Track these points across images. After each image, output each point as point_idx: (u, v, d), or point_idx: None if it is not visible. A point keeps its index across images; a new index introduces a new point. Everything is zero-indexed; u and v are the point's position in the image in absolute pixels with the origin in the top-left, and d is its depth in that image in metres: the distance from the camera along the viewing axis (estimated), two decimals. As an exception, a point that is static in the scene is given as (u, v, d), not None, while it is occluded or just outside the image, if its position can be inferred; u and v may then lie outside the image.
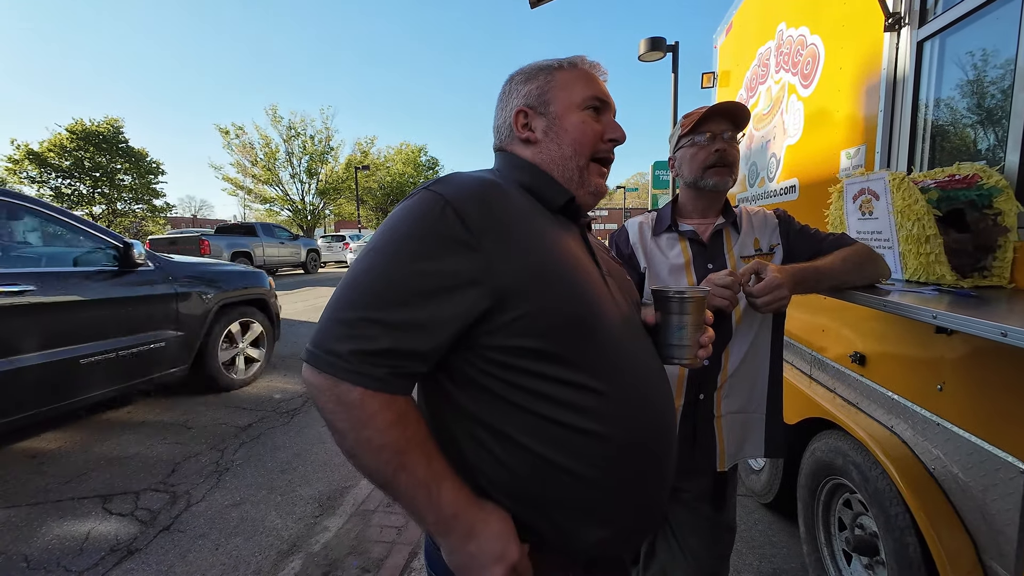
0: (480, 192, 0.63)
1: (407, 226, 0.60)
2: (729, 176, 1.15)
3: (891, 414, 1.37)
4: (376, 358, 0.57)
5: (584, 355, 0.63)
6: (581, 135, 0.75)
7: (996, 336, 0.68)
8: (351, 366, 0.56)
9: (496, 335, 0.61)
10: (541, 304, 0.60)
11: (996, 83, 1.20)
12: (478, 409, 0.63)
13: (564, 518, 0.64)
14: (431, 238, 0.59)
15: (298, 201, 24.59)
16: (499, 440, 0.62)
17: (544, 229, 0.67)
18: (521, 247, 0.62)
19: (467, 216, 0.60)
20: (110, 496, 2.52)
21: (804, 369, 1.94)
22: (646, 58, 6.58)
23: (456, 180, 0.65)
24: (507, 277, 0.60)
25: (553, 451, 0.62)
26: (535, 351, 0.61)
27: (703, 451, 1.18)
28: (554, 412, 0.62)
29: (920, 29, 1.36)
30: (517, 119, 0.77)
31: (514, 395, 0.62)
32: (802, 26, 1.96)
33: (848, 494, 1.59)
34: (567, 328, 0.62)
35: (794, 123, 2.03)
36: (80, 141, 14.72)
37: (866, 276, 1.09)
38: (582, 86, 0.76)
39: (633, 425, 0.65)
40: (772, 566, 1.96)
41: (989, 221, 1.04)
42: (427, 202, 0.61)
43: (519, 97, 0.77)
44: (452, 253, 0.59)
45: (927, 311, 0.84)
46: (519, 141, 0.78)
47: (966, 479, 1.10)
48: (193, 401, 3.87)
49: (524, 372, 0.61)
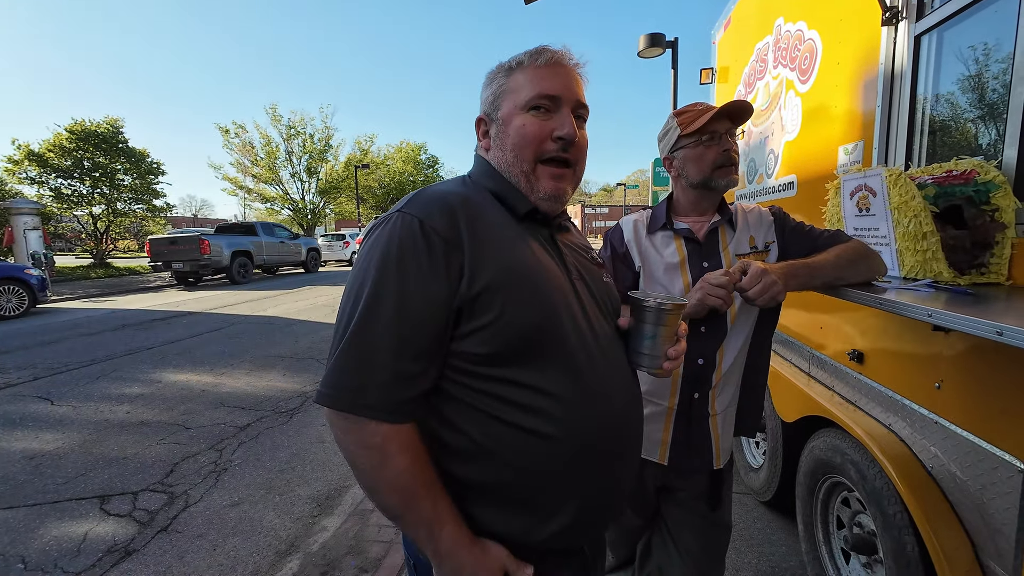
0: (446, 207, 0.66)
1: (395, 252, 0.63)
2: (735, 175, 1.15)
3: (889, 412, 1.36)
4: (398, 388, 0.61)
5: (540, 360, 0.65)
6: (520, 139, 0.73)
7: (992, 335, 0.67)
8: (375, 402, 0.60)
9: (460, 341, 0.64)
10: (502, 312, 0.63)
11: (994, 78, 1.19)
12: (439, 410, 0.67)
13: (520, 514, 0.67)
14: (421, 259, 0.62)
15: (298, 200, 24.56)
16: (458, 438, 0.66)
17: (507, 238, 0.69)
18: (486, 258, 0.64)
19: (440, 230, 0.64)
20: (108, 496, 2.52)
21: (802, 367, 1.93)
22: (645, 54, 6.54)
23: (423, 199, 0.68)
24: (476, 286, 0.63)
25: (507, 450, 0.65)
26: (492, 356, 0.64)
27: (698, 450, 1.18)
28: (508, 414, 0.65)
29: (918, 23, 1.34)
30: (479, 127, 0.80)
31: (471, 397, 0.65)
32: (800, 21, 1.94)
33: (847, 492, 1.58)
34: (525, 335, 0.64)
35: (792, 119, 2.01)
36: (80, 141, 14.68)
37: (861, 273, 1.08)
38: (528, 86, 0.73)
39: (588, 426, 0.68)
40: (770, 564, 1.96)
41: (987, 217, 1.03)
42: (405, 225, 0.64)
43: (482, 104, 0.80)
44: (439, 269, 0.62)
45: (922, 309, 0.83)
46: (482, 148, 0.81)
47: (964, 478, 1.09)
48: (192, 401, 3.87)
49: (481, 377, 0.65)
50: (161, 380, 4.40)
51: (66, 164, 14.56)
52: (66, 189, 14.91)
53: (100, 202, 15.56)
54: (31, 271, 8.12)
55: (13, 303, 7.75)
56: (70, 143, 14.56)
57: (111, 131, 15.44)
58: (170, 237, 12.33)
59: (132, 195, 16.30)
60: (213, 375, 4.54)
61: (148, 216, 17.71)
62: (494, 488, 0.67)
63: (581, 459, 0.67)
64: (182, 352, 5.38)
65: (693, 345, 1.14)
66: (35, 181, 14.51)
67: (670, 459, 1.18)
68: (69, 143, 14.55)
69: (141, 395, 4.01)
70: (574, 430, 0.66)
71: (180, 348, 5.56)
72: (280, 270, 15.59)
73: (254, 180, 23.70)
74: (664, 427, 1.18)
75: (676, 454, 1.18)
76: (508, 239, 0.69)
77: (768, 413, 2.15)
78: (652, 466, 1.20)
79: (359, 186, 24.84)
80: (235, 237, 12.76)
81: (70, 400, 3.90)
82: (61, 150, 14.45)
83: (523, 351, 0.64)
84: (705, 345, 1.13)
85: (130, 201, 16.47)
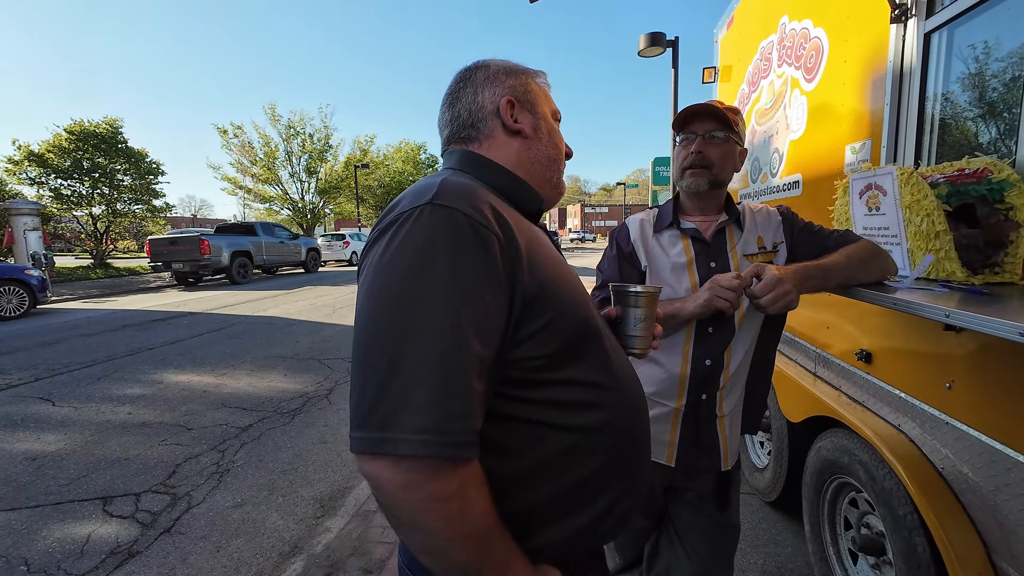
0: (482, 198, 0.58)
1: (445, 252, 0.51)
2: (705, 177, 1.14)
3: (898, 412, 1.35)
4: (474, 417, 0.51)
5: (588, 353, 0.63)
6: (560, 141, 0.79)
7: (1015, 336, 0.66)
8: (448, 439, 0.48)
9: (516, 348, 0.56)
10: (557, 310, 0.59)
11: (1006, 75, 1.18)
12: (485, 436, 0.57)
13: (574, 522, 0.62)
14: (477, 259, 0.52)
15: (298, 200, 24.54)
16: (510, 462, 0.59)
17: (535, 233, 0.66)
18: (532, 254, 0.59)
19: (489, 225, 0.54)
20: (111, 498, 2.51)
21: (809, 367, 1.92)
22: (646, 53, 6.53)
23: (452, 188, 0.57)
24: (531, 286, 0.57)
25: (564, 459, 0.60)
26: (552, 357, 0.59)
27: (706, 451, 1.17)
28: (566, 417, 0.60)
29: (927, 20, 1.33)
30: (507, 107, 0.72)
31: (525, 411, 0.59)
32: (805, 19, 1.93)
33: (854, 493, 1.57)
34: (578, 329, 0.62)
35: (797, 118, 2.00)
36: (79, 142, 14.66)
37: (872, 273, 1.07)
38: (549, 99, 0.80)
39: (627, 410, 0.67)
40: (777, 564, 1.95)
41: (1000, 216, 1.02)
42: (447, 219, 0.53)
43: (504, 87, 0.73)
44: (498, 270, 0.54)
45: (940, 310, 0.82)
46: (505, 132, 0.72)
47: (976, 479, 1.08)
48: (194, 402, 3.86)
49: (540, 384, 0.59)
50: (162, 381, 4.39)
51: (65, 165, 14.53)
52: (66, 190, 14.89)
53: (100, 202, 15.55)
54: (31, 272, 8.11)
55: (13, 304, 7.73)
56: (69, 144, 14.54)
57: (110, 131, 15.42)
58: (170, 237, 12.32)
59: (132, 195, 16.28)
60: (214, 376, 4.53)
61: (148, 216, 17.68)
62: (550, 504, 0.61)
63: (624, 446, 0.66)
64: (183, 353, 5.37)
65: (700, 346, 1.13)
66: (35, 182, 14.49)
67: (677, 460, 1.17)
68: (69, 143, 14.53)
69: (142, 396, 4.00)
70: (618, 415, 0.65)
71: (181, 348, 5.55)
72: (280, 270, 15.57)
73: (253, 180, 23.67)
74: (672, 428, 1.17)
75: (684, 455, 1.17)
76: (535, 234, 0.66)
77: (773, 413, 2.14)
78: (660, 468, 1.19)
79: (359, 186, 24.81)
80: (235, 237, 12.74)
81: (71, 401, 3.89)
82: (61, 151, 14.43)
83: (577, 346, 0.61)
84: (713, 346, 1.13)
85: (129, 201, 16.45)
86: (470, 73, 0.75)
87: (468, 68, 0.77)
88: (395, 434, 0.47)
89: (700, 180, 1.14)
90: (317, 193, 24.91)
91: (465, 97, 0.73)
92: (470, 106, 0.73)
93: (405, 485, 0.48)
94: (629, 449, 0.67)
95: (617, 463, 0.65)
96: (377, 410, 0.49)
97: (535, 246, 0.61)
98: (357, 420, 0.50)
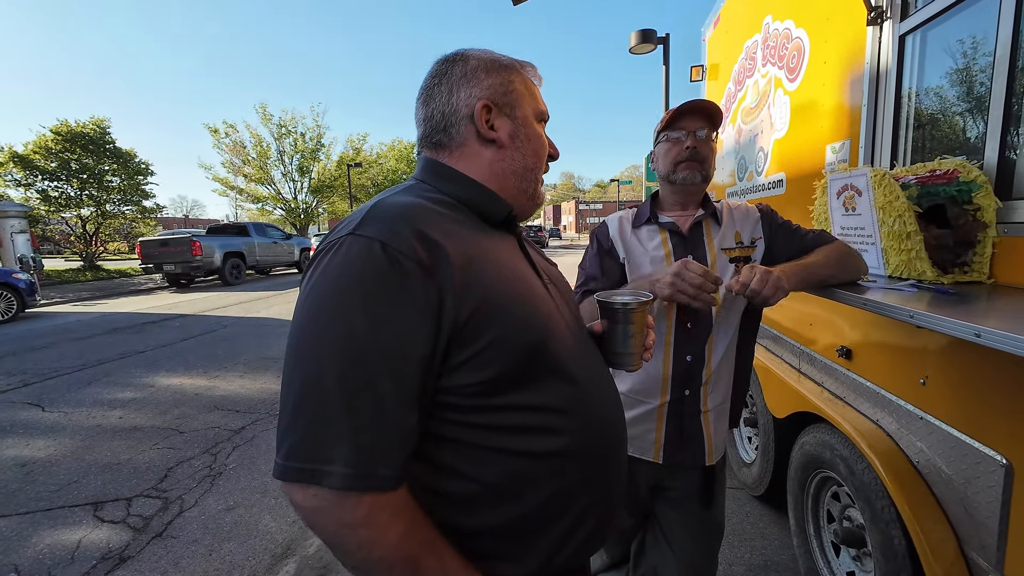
0: (412, 222, 0.56)
1: (356, 287, 0.52)
2: (699, 171, 1.16)
3: (876, 408, 1.38)
4: (380, 451, 0.51)
5: (541, 377, 0.60)
6: (540, 148, 0.73)
7: (970, 336, 0.68)
8: (355, 471, 0.49)
9: (450, 375, 0.56)
10: (498, 333, 0.56)
11: (976, 78, 1.20)
12: (432, 458, 0.58)
13: (539, 544, 0.61)
14: (392, 292, 0.52)
15: (291, 199, 24.35)
16: (462, 484, 0.58)
17: (488, 249, 0.62)
18: (471, 278, 0.56)
19: (409, 252, 0.53)
20: (102, 503, 2.51)
21: (793, 363, 1.95)
22: (637, 50, 6.55)
23: (380, 215, 0.57)
24: (463, 311, 0.54)
25: (522, 483, 0.59)
26: (492, 383, 0.57)
27: (691, 447, 1.19)
28: (518, 443, 0.58)
29: (902, 23, 1.36)
30: (482, 113, 0.67)
31: (471, 436, 0.58)
32: (787, 19, 1.95)
33: (836, 487, 1.60)
34: (526, 354, 0.58)
35: (781, 117, 2.03)
36: (66, 143, 14.46)
37: (848, 273, 1.11)
38: (536, 97, 0.73)
39: (592, 433, 0.64)
40: (763, 558, 1.98)
41: (969, 217, 1.04)
42: (364, 251, 0.53)
43: (481, 88, 0.68)
44: (417, 301, 0.52)
45: (905, 310, 0.85)
46: (478, 140, 0.68)
47: (949, 472, 1.11)
48: (186, 405, 3.84)
49: (481, 409, 0.57)
50: (154, 384, 4.37)
51: (52, 166, 14.33)
52: (53, 191, 14.68)
53: (88, 204, 15.34)
54: (19, 275, 8.01)
55: (1, 308, 7.65)
56: (56, 144, 14.32)
57: (98, 132, 15.21)
58: (161, 239, 12.20)
59: (121, 196, 16.08)
60: (207, 378, 4.51)
61: (138, 217, 17.48)
62: (511, 526, 0.60)
63: (590, 467, 0.64)
64: (174, 355, 5.34)
65: (681, 343, 1.15)
66: (20, 184, 14.27)
67: (664, 457, 1.19)
68: (55, 144, 14.31)
69: (134, 400, 3.98)
70: (581, 440, 0.62)
71: (172, 351, 5.52)
72: (274, 270, 15.48)
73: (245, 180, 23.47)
74: (656, 425, 1.18)
75: (670, 451, 1.19)
76: (488, 252, 0.62)
77: (760, 409, 2.17)
78: (645, 465, 1.21)
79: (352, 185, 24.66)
80: (227, 238, 12.64)
81: (61, 406, 3.86)
82: (47, 152, 14.22)
83: (524, 371, 0.58)
84: (693, 342, 1.15)
85: (119, 202, 16.24)
86: (447, 67, 0.69)
87: (446, 60, 0.71)
88: (302, 463, 0.49)
89: (695, 172, 1.16)
90: (310, 192, 24.73)
91: (439, 96, 0.69)
92: (443, 107, 0.68)
93: (314, 511, 0.50)
94: (596, 472, 0.65)
95: (581, 487, 0.63)
96: (287, 437, 0.51)
97: (479, 267, 0.58)
98: (277, 445, 0.52)
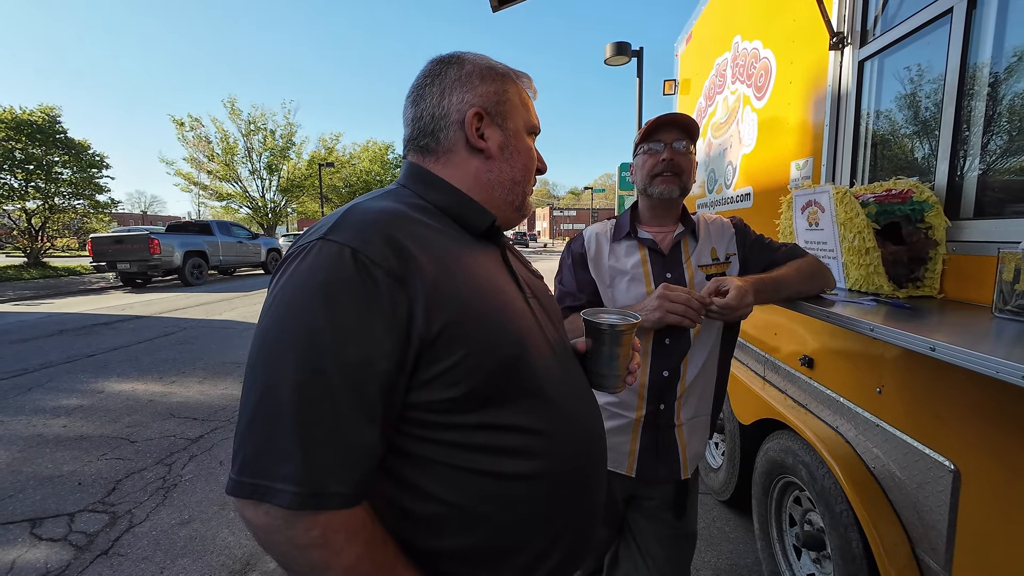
0: (385, 229, 0.54)
1: (322, 295, 0.49)
2: (676, 184, 1.16)
3: (836, 415, 1.43)
4: (337, 468, 0.48)
5: (515, 395, 0.58)
6: (529, 161, 0.72)
7: (925, 350, 0.72)
8: (307, 489, 0.47)
9: (419, 390, 0.54)
10: (470, 349, 0.54)
11: (928, 101, 1.28)
12: (398, 474, 0.56)
13: (510, 569, 0.59)
14: (359, 301, 0.50)
15: (258, 198, 23.58)
16: (428, 505, 0.56)
17: (467, 260, 0.61)
18: (444, 290, 0.54)
19: (380, 261, 0.51)
20: (40, 520, 2.32)
21: (758, 371, 2.01)
22: (612, 62, 6.70)
23: (353, 220, 0.55)
24: (433, 324, 0.52)
25: (491, 506, 0.57)
26: (462, 400, 0.54)
27: (665, 460, 1.19)
28: (489, 464, 0.56)
29: (861, 49, 1.43)
30: (473, 120, 0.65)
31: (440, 454, 0.55)
32: (756, 39, 2.03)
33: (798, 492, 1.66)
34: (499, 371, 0.56)
35: (749, 133, 2.10)
36: (10, 130, 13.52)
37: (816, 286, 1.14)
38: (528, 110, 0.72)
39: (569, 454, 0.62)
40: (729, 562, 2.03)
41: (921, 235, 1.10)
42: (333, 257, 0.51)
43: (475, 94, 0.66)
44: (384, 312, 0.51)
45: (865, 324, 0.88)
46: (467, 147, 0.67)
47: (902, 477, 1.16)
48: (138, 412, 3.63)
49: (451, 427, 0.55)
50: (103, 390, 4.11)
51: (-7, 155, 13.36)
52: (-6, 182, 13.69)
53: (35, 196, 14.38)
54: (-48, 271, 7.41)
55: (-70, 307, 7.05)
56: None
57: (47, 121, 14.30)
58: (115, 235, 11.53)
59: (72, 190, 15.15)
60: (162, 384, 4.28)
61: (90, 212, 16.50)
62: (479, 550, 0.57)
63: (566, 491, 0.62)
64: (128, 359, 5.04)
65: (658, 358, 1.16)
66: (-45, 172, 13.25)
67: (638, 470, 1.19)
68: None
69: (80, 407, 3.73)
70: (557, 463, 0.60)
71: (125, 355, 5.21)
72: (238, 271, 14.90)
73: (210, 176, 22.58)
74: (632, 438, 1.19)
75: (644, 465, 1.19)
76: (465, 263, 0.60)
77: (727, 416, 2.23)
78: (620, 478, 1.21)
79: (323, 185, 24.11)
80: (188, 236, 12.08)
81: (-3, 414, 3.58)
82: (-13, 140, 13.25)
83: (497, 389, 0.56)
84: (670, 358, 1.16)
85: (69, 196, 15.30)
86: (441, 68, 0.68)
87: (441, 60, 0.69)
88: (254, 479, 0.47)
89: (672, 187, 1.16)
90: (279, 191, 24.02)
91: (430, 97, 0.67)
92: (433, 110, 0.67)
93: (266, 530, 0.48)
94: (572, 495, 0.63)
95: (556, 510, 0.61)
96: (241, 452, 0.49)
97: (454, 279, 0.56)
98: (232, 459, 0.50)
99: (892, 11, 1.35)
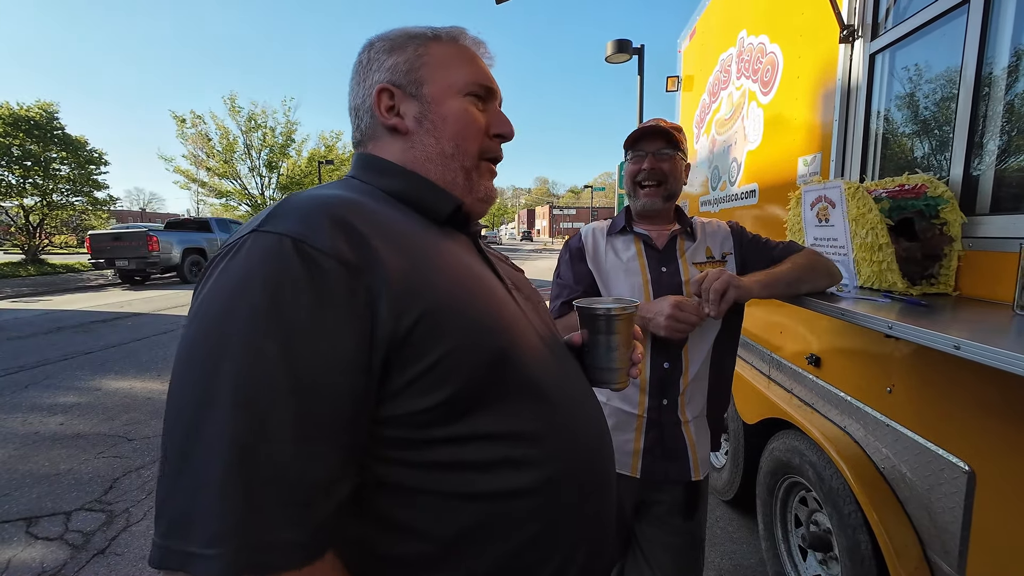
0: (335, 214, 0.46)
1: (260, 296, 0.40)
2: (659, 195, 1.19)
3: (844, 415, 1.41)
4: (290, 509, 0.38)
5: (507, 397, 0.50)
6: (464, 127, 0.61)
7: (949, 348, 0.69)
8: (249, 543, 0.36)
9: (394, 401, 0.45)
10: (452, 344, 0.46)
11: (942, 96, 1.26)
12: (375, 510, 0.47)
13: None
14: (303, 298, 0.41)
15: (257, 195, 23.51)
16: (412, 544, 0.47)
17: (436, 247, 0.53)
18: (413, 277, 0.47)
19: (331, 250, 0.43)
20: (36, 519, 2.30)
21: (763, 370, 1.99)
22: (613, 59, 6.67)
23: (293, 207, 0.46)
24: (404, 319, 0.44)
25: (489, 533, 0.49)
26: (446, 406, 0.46)
27: (674, 459, 1.15)
28: (483, 483, 0.48)
29: (872, 42, 1.41)
30: (380, 99, 0.60)
31: (421, 480, 0.47)
32: (762, 34, 2.00)
33: (804, 492, 1.64)
34: (487, 366, 0.48)
35: (754, 129, 2.08)
36: (7, 126, 13.45)
37: (819, 277, 1.13)
38: (464, 66, 0.62)
39: (573, 460, 0.55)
40: (732, 562, 2.01)
41: (936, 231, 1.08)
42: (269, 251, 0.42)
43: (382, 71, 0.60)
44: (340, 308, 0.42)
45: (882, 321, 0.86)
46: (384, 130, 0.61)
47: (913, 478, 1.14)
48: (136, 410, 3.60)
49: (434, 443, 0.47)
50: (101, 388, 4.08)
51: (-11, 151, 13.29)
52: (-9, 178, 13.62)
53: (32, 193, 14.31)
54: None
55: (-73, 303, 7.01)
56: (-5, 128, 13.30)
57: (45, 117, 14.23)
58: (114, 232, 11.50)
59: (70, 186, 15.08)
60: (160, 381, 4.25)
61: (88, 209, 16.44)
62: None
63: (576, 500, 0.55)
64: (126, 356, 5.01)
65: (657, 349, 1.14)
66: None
67: (643, 471, 1.15)
68: (-6, 128, 13.29)
69: (77, 404, 3.70)
70: (562, 470, 0.53)
71: (123, 352, 5.18)
72: (237, 268, 14.84)
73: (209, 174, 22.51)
74: (636, 436, 1.16)
75: (649, 465, 1.15)
76: (436, 249, 0.53)
77: (730, 415, 2.21)
78: (625, 482, 1.16)
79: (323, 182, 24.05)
80: (187, 234, 12.05)
81: (-7, 411, 3.55)
82: (-16, 136, 13.18)
83: (487, 387, 0.48)
84: (669, 348, 1.14)
85: (67, 193, 15.23)
86: (359, 57, 0.64)
87: (361, 49, 0.64)
88: (184, 545, 0.36)
89: (655, 199, 1.19)
90: (279, 189, 23.96)
91: (352, 90, 0.64)
92: (354, 101, 0.63)
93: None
94: (584, 502, 0.56)
95: (568, 524, 0.53)
96: (165, 510, 0.38)
97: (424, 265, 0.49)
98: (156, 517, 0.39)
99: (905, 3, 1.32)
